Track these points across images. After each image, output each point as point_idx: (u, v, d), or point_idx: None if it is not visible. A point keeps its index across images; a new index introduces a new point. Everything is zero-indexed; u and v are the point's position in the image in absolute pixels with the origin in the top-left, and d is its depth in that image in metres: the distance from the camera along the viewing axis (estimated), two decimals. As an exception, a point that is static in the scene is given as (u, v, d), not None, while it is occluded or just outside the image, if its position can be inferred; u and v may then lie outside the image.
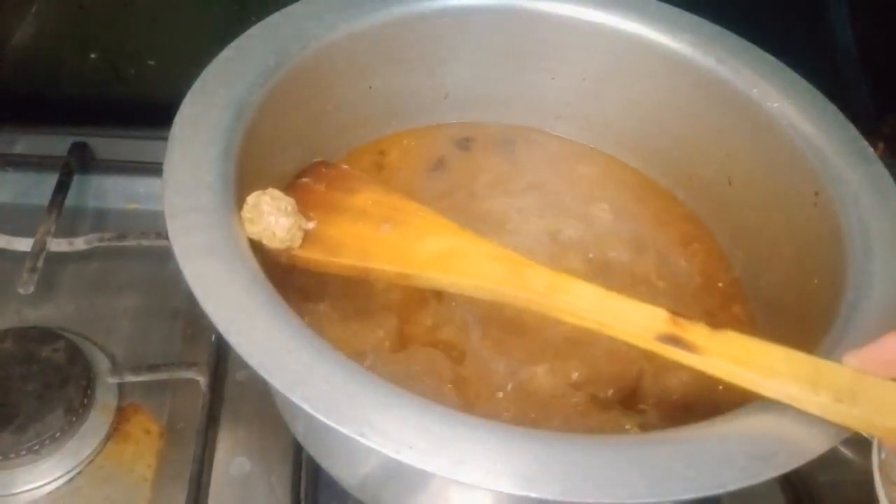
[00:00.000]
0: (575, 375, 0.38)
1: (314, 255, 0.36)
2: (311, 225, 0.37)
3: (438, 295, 0.40)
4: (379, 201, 0.39)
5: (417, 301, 0.40)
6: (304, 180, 0.41)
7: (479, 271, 0.35)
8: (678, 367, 0.32)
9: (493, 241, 0.36)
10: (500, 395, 0.37)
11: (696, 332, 0.31)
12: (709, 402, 0.38)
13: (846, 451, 0.38)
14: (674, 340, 0.31)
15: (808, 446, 0.28)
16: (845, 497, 0.39)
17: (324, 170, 0.42)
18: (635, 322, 0.32)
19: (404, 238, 0.37)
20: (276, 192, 0.35)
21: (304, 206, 0.37)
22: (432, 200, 0.42)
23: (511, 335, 0.39)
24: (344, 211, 0.38)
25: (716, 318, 0.42)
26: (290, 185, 0.40)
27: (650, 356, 0.33)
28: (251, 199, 0.34)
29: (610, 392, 0.38)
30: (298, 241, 0.36)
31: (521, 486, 0.26)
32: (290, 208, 0.35)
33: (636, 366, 0.38)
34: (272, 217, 0.34)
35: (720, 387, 0.32)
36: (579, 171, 0.49)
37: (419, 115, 0.49)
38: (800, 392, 0.29)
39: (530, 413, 0.37)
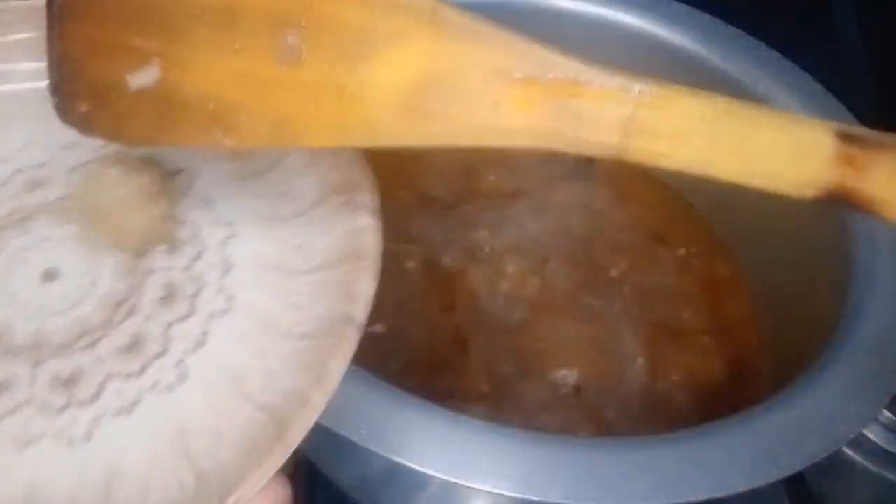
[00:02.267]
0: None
1: (195, 142, 0.23)
2: (152, 73, 0.22)
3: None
4: None
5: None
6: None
7: (492, 120, 0.20)
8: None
9: (501, 46, 0.20)
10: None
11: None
12: (710, 402, 0.38)
13: (851, 453, 0.37)
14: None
15: (813, 448, 0.28)
16: (850, 499, 0.39)
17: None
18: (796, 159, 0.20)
19: (333, 67, 0.20)
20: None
21: (117, 27, 0.22)
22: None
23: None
24: (195, 24, 0.21)
25: (719, 318, 0.42)
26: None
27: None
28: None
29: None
30: None
31: (522, 488, 0.26)
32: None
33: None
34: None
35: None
36: (579, 170, 0.49)
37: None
38: None
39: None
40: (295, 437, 0.20)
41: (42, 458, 0.21)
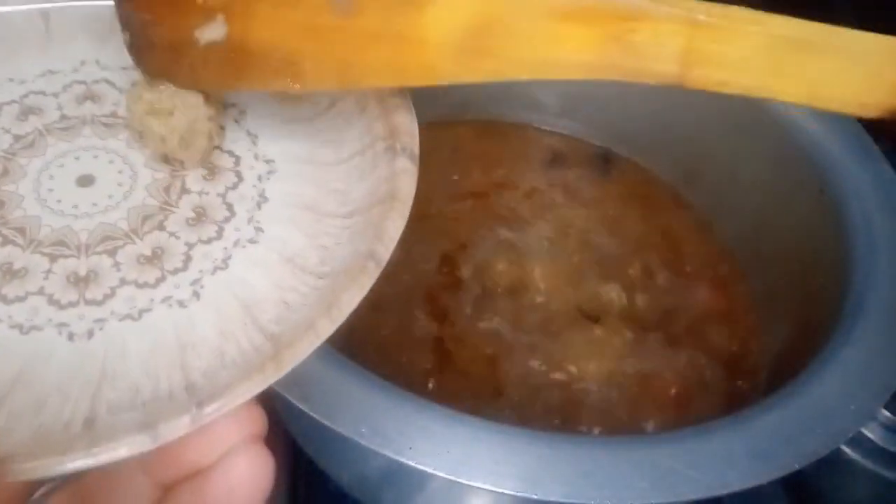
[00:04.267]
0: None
1: (268, 87, 0.25)
2: (219, 29, 0.24)
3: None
4: None
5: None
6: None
7: (549, 54, 0.21)
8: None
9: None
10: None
11: None
12: (710, 401, 0.38)
13: (850, 452, 0.38)
14: None
15: (812, 447, 0.28)
16: (849, 498, 0.39)
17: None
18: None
19: (390, 16, 0.22)
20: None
21: None
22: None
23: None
24: None
25: (719, 317, 0.42)
26: None
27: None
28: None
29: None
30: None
31: (523, 487, 0.26)
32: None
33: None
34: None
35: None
36: (581, 169, 0.49)
37: (418, 111, 0.49)
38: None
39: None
40: (290, 357, 0.20)
41: (41, 345, 0.22)
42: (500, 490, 0.26)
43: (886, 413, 0.37)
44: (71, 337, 0.22)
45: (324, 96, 0.27)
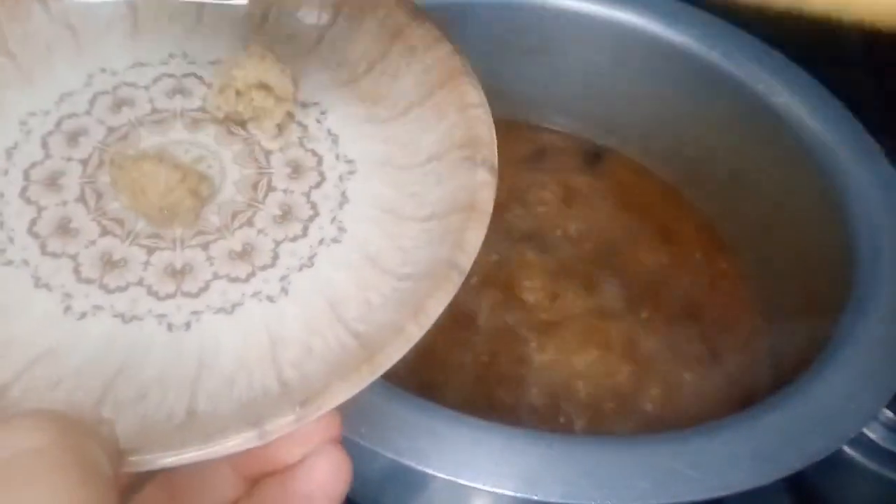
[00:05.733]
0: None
1: None
2: None
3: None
4: None
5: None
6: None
7: None
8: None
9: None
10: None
11: None
12: (710, 401, 0.38)
13: (852, 452, 0.37)
14: None
15: (814, 447, 0.28)
16: (851, 498, 0.39)
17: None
18: None
19: None
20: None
21: None
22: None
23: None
24: None
25: (721, 317, 0.42)
26: None
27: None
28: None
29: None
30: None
31: (523, 487, 0.26)
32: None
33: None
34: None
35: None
36: (581, 168, 0.49)
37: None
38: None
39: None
40: (383, 360, 0.21)
41: (142, 335, 0.22)
42: (500, 490, 0.26)
43: (888, 413, 0.37)
44: (170, 328, 0.22)
45: (402, 99, 0.28)
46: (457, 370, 0.38)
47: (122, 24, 0.29)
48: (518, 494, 0.26)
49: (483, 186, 0.25)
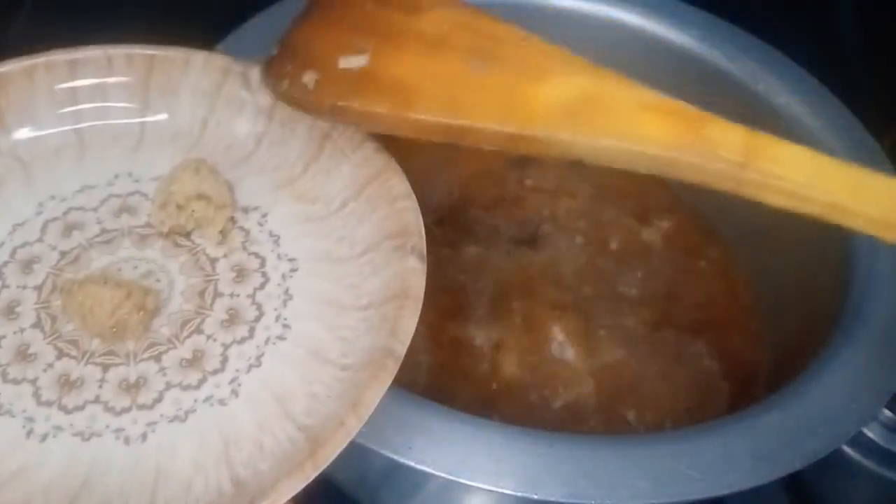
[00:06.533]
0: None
1: (377, 108, 0.27)
2: (361, 60, 0.28)
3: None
4: (461, 24, 0.28)
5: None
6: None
7: (634, 130, 0.25)
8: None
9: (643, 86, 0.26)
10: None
11: None
12: (710, 401, 0.38)
13: (851, 452, 0.37)
14: None
15: (813, 447, 0.28)
16: (850, 498, 0.39)
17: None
18: (881, 200, 0.24)
19: (509, 80, 0.26)
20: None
21: (347, 31, 0.29)
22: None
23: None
24: (409, 39, 0.28)
25: (720, 317, 0.42)
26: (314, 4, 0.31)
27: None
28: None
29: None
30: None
31: (523, 487, 0.26)
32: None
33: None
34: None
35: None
36: (582, 168, 0.49)
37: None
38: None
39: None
40: (326, 455, 0.22)
41: (101, 451, 0.23)
42: (500, 490, 0.26)
43: (888, 413, 0.37)
44: (127, 441, 0.24)
45: (337, 196, 0.30)
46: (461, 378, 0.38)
47: (69, 151, 0.31)
48: (518, 494, 0.26)
49: (413, 273, 0.26)
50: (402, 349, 0.24)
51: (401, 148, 0.39)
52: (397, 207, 0.28)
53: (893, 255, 0.35)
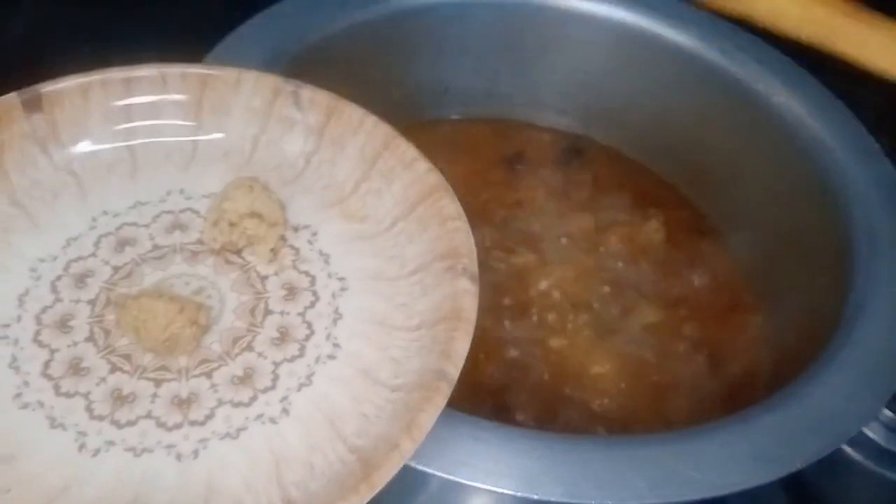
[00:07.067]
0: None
1: None
2: None
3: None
4: None
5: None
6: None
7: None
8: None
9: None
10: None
11: None
12: (710, 401, 0.38)
13: (851, 452, 0.37)
14: None
15: (814, 447, 0.28)
16: (850, 498, 0.39)
17: None
18: None
19: None
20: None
21: None
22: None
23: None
24: None
25: (721, 317, 0.41)
26: None
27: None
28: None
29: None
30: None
31: (523, 487, 0.26)
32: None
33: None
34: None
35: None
36: (583, 167, 0.49)
37: (419, 109, 0.49)
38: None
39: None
40: (380, 478, 0.22)
41: (152, 467, 0.23)
42: (500, 490, 0.26)
43: (888, 413, 0.37)
44: (179, 457, 0.24)
45: (387, 215, 0.30)
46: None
47: (122, 167, 0.31)
48: (518, 494, 0.26)
49: (466, 295, 0.26)
50: (455, 372, 0.24)
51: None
52: (448, 228, 0.28)
53: (893, 255, 0.35)
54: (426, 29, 0.45)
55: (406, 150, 0.30)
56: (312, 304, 0.28)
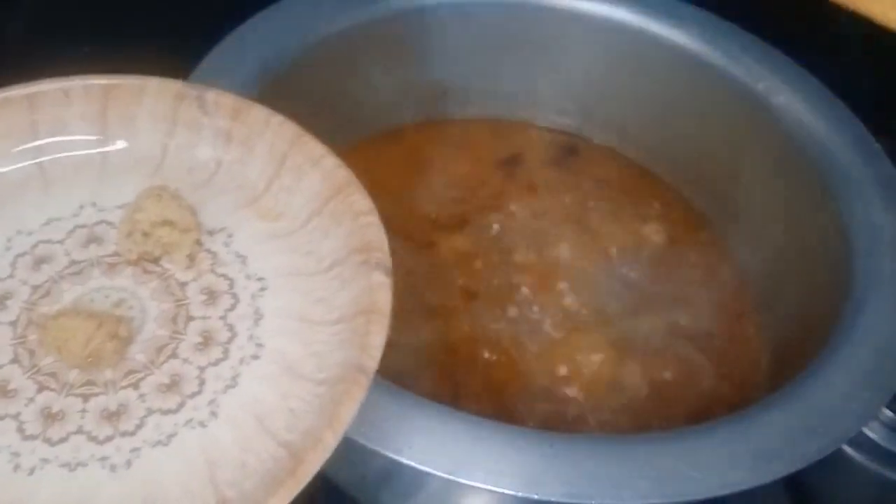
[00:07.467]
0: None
1: None
2: None
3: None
4: None
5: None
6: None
7: None
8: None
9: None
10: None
11: None
12: (710, 401, 0.38)
13: (851, 452, 0.37)
14: None
15: (814, 447, 0.28)
16: (850, 498, 0.39)
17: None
18: None
19: None
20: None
21: None
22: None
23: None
24: None
25: (721, 317, 0.41)
26: None
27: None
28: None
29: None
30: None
31: (523, 487, 0.26)
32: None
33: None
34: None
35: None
36: (582, 167, 0.49)
37: (418, 109, 0.49)
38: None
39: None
40: (306, 471, 0.22)
41: (89, 480, 0.24)
42: (500, 490, 0.26)
43: (888, 413, 0.37)
44: (113, 468, 0.24)
45: (300, 212, 0.30)
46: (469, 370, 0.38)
47: (33, 185, 0.31)
48: (518, 493, 0.26)
49: (380, 288, 0.26)
50: (373, 364, 0.24)
51: (401, 149, 0.39)
52: (361, 223, 0.28)
53: (893, 255, 0.35)
54: (426, 29, 0.45)
55: (314, 147, 0.30)
56: (233, 307, 0.28)
